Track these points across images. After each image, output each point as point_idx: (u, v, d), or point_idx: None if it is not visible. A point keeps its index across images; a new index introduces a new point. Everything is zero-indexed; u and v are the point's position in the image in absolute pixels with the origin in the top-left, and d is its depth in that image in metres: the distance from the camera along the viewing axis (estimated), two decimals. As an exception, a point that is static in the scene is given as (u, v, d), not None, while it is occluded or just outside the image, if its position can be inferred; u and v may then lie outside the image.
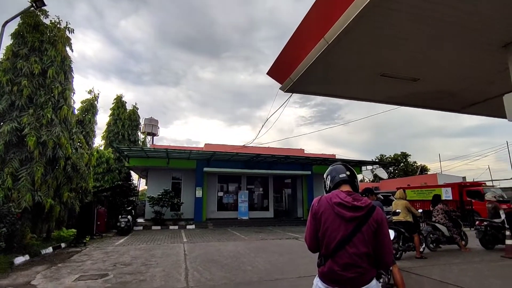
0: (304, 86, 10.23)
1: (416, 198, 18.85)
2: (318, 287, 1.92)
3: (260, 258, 7.05)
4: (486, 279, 4.99)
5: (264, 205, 19.95)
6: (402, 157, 47.25)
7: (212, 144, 23.31)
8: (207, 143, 23.99)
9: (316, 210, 1.95)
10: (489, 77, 9.55)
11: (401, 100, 11.75)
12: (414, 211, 6.91)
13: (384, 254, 1.87)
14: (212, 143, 23.66)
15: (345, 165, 2.13)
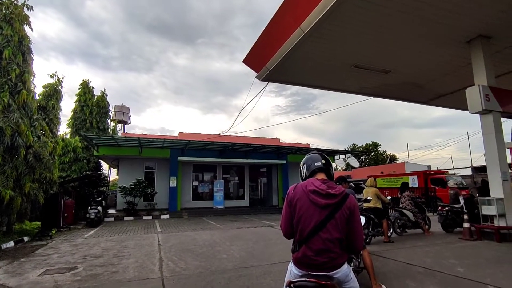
0: (280, 75, 10.27)
1: (386, 186, 19.81)
2: (292, 272, 1.98)
3: (235, 246, 7.09)
4: (445, 259, 5.36)
5: (239, 194, 20.03)
6: (373, 147, 49.24)
7: (187, 133, 22.86)
8: (182, 132, 23.51)
9: (291, 197, 1.99)
10: (453, 71, 10.12)
11: (373, 91, 12.17)
12: (383, 198, 7.23)
13: (355, 239, 1.94)
14: (187, 132, 23.22)
15: (320, 154, 2.18)
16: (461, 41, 8.30)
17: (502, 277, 4.26)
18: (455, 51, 8.76)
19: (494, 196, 7.26)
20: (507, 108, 7.82)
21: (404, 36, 8.07)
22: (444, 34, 7.94)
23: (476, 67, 8.16)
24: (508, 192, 7.33)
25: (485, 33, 7.92)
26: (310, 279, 1.76)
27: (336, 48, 8.67)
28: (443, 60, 9.36)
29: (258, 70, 10.15)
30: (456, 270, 4.66)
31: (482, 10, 6.95)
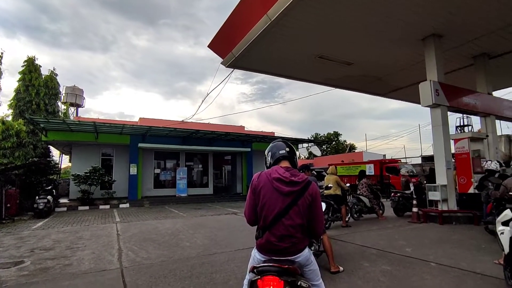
0: (246, 63, 10.14)
1: (345, 173, 20.85)
2: (255, 257, 2.01)
3: (199, 234, 7.03)
4: (395, 241, 5.82)
5: (203, 181, 19.81)
6: (334, 136, 51.33)
7: (148, 118, 21.91)
8: (143, 118, 22.47)
9: (255, 185, 2.00)
10: (409, 66, 10.76)
11: (336, 82, 12.56)
12: (343, 185, 7.59)
13: (316, 224, 2.00)
14: (148, 118, 22.25)
15: (285, 142, 2.21)
16: (416, 39, 8.82)
17: (442, 254, 4.73)
18: (411, 48, 9.30)
19: (439, 183, 7.99)
20: (453, 103, 8.54)
21: (364, 30, 8.36)
22: (401, 31, 8.37)
23: (428, 63, 8.76)
24: (451, 180, 8.11)
25: (438, 32, 8.49)
26: (273, 264, 1.79)
27: (301, 38, 8.74)
28: (400, 55, 9.91)
29: (223, 56, 9.92)
30: (405, 250, 5.08)
31: (434, 10, 7.41)
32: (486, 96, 9.69)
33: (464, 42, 9.01)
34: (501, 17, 7.73)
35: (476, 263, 4.25)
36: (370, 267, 4.22)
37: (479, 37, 8.71)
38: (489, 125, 9.71)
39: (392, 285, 3.50)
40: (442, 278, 3.69)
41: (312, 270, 2.05)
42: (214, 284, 3.73)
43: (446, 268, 4.09)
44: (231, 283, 3.73)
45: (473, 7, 7.27)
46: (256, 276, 1.76)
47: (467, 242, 5.61)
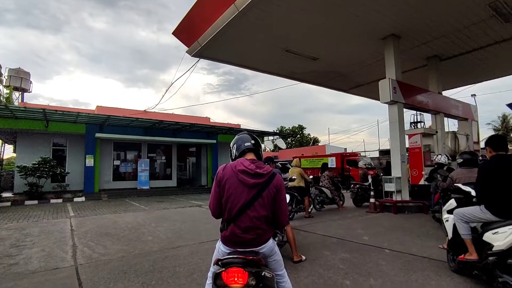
0: (212, 52, 9.90)
1: (308, 166, 21.49)
2: (220, 249, 2.01)
3: (161, 228, 6.82)
4: (354, 230, 6.14)
5: (166, 173, 19.23)
6: (299, 130, 52.56)
7: (107, 107, 20.65)
8: (100, 106, 21.13)
9: (220, 177, 1.99)
10: (370, 64, 11.25)
11: (302, 76, 12.77)
12: (306, 178, 7.80)
13: (280, 216, 2.04)
14: (106, 106, 20.98)
15: (250, 135, 2.22)
16: (377, 38, 9.24)
17: (395, 242, 5.08)
18: (372, 46, 9.73)
19: (394, 175, 8.55)
20: (408, 101, 9.13)
21: (328, 26, 8.56)
22: (363, 29, 8.71)
23: (387, 62, 9.23)
24: (405, 172, 8.71)
25: (396, 33, 8.97)
26: (237, 256, 1.80)
27: (269, 31, 8.72)
28: (362, 53, 10.33)
29: (189, 44, 9.59)
30: (362, 238, 5.38)
31: (394, 11, 7.80)
32: (437, 95, 10.50)
33: (419, 44, 9.63)
34: (451, 23, 8.36)
35: (424, 248, 4.63)
36: (330, 255, 4.40)
37: (432, 40, 9.35)
38: (438, 122, 10.56)
39: (350, 272, 3.68)
40: (394, 263, 3.96)
41: (276, 261, 2.09)
42: (178, 277, 3.64)
43: (399, 253, 4.40)
44: (195, 276, 3.67)
45: (427, 12, 7.76)
46: (221, 269, 1.75)
47: (417, 229, 6.08)
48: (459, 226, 3.27)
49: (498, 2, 7.33)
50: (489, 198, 3.06)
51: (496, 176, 3.01)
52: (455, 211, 3.40)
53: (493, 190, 3.02)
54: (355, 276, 3.53)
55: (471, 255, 3.13)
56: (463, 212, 3.26)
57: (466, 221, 3.21)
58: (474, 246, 3.13)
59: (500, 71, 12.51)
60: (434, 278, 3.41)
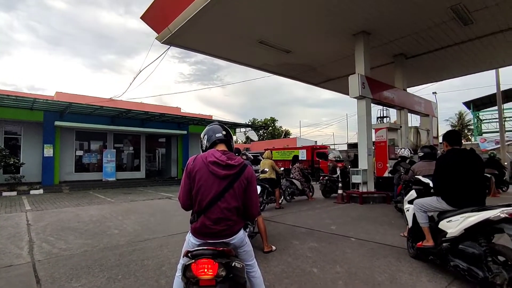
0: (183, 40, 9.57)
1: (280, 158, 21.78)
2: (190, 242, 2.00)
3: (129, 220, 6.59)
4: (322, 220, 6.34)
5: (134, 165, 18.55)
6: (271, 122, 52.94)
7: (68, 93, 19.39)
8: (60, 92, 19.77)
9: (191, 168, 1.97)
10: (341, 59, 11.52)
11: (274, 69, 12.80)
12: (277, 169, 7.90)
13: (251, 207, 2.06)
14: (67, 93, 19.67)
15: (221, 125, 2.21)
16: (348, 33, 9.46)
17: (360, 230, 5.33)
18: (343, 41, 9.95)
19: (361, 168, 8.92)
20: (376, 96, 9.50)
21: (301, 20, 8.61)
22: (335, 24, 8.87)
23: (357, 58, 9.51)
24: (371, 165, 9.11)
25: (367, 30, 9.24)
26: (207, 247, 1.80)
27: (243, 21, 8.60)
28: (334, 47, 10.54)
29: (159, 31, 9.19)
30: (330, 228, 5.57)
31: (364, 9, 8.01)
32: (402, 92, 11.04)
33: (387, 41, 10.01)
34: (416, 23, 8.76)
35: (387, 236, 4.90)
36: (299, 245, 4.52)
37: (399, 38, 9.77)
38: (402, 117, 11.14)
39: (318, 260, 3.80)
40: (359, 251, 4.15)
41: (246, 251, 2.12)
42: (146, 271, 3.54)
43: (363, 242, 4.62)
44: (164, 269, 3.59)
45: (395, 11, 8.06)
46: (190, 260, 1.73)
47: (381, 219, 6.42)
48: (418, 215, 3.49)
49: (458, 5, 7.79)
50: (444, 189, 3.28)
51: (451, 169, 3.23)
52: (415, 202, 3.62)
53: (448, 182, 3.24)
54: (322, 264, 3.65)
55: (428, 242, 3.35)
56: (422, 202, 3.47)
57: (424, 211, 3.43)
58: (431, 234, 3.36)
59: (459, 71, 13.40)
60: (395, 264, 3.62)
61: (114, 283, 3.22)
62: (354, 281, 3.15)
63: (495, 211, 2.66)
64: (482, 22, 8.67)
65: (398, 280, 3.15)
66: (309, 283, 3.13)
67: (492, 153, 11.75)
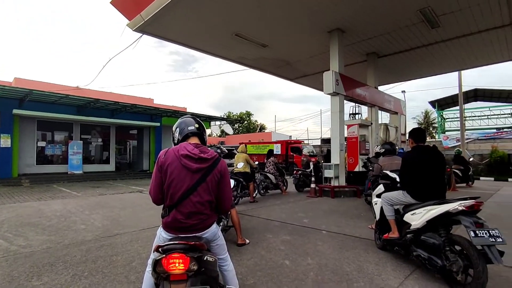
0: (157, 29, 9.23)
1: (255, 152, 21.86)
2: (161, 236, 1.97)
3: (97, 215, 6.31)
4: (295, 214, 6.47)
5: (103, 157, 17.77)
6: (246, 116, 52.86)
7: (28, 80, 18.03)
8: (19, 78, 18.35)
9: (162, 162, 1.93)
10: (317, 55, 11.69)
11: (250, 62, 12.73)
12: (252, 163, 7.92)
13: (224, 200, 2.06)
14: (27, 79, 18.32)
15: (194, 118, 2.17)
16: (324, 30, 9.61)
17: (331, 223, 5.50)
18: (318, 38, 10.09)
19: (333, 162, 9.17)
20: (349, 93, 9.76)
21: (277, 14, 8.60)
22: (311, 20, 8.96)
23: (332, 54, 9.69)
24: (342, 160, 9.39)
25: (342, 27, 9.42)
26: (179, 242, 1.77)
27: (220, 12, 8.43)
28: (309, 44, 10.66)
29: (130, 17, 8.77)
30: (303, 221, 5.70)
31: (339, 6, 8.15)
32: (373, 90, 11.43)
33: (361, 40, 10.29)
34: (388, 23, 9.06)
35: (356, 228, 5.10)
36: (272, 238, 4.58)
37: (372, 37, 10.07)
38: (373, 114, 11.56)
39: (290, 253, 3.88)
40: (330, 243, 4.29)
41: (219, 245, 2.13)
42: (115, 267, 3.42)
43: (334, 234, 4.77)
44: (134, 264, 3.49)
45: (368, 10, 8.28)
46: (161, 255, 1.70)
47: (351, 212, 6.66)
48: (385, 208, 3.65)
49: (427, 9, 8.15)
50: (409, 184, 3.46)
51: (416, 165, 3.41)
52: (382, 195, 3.78)
53: (412, 177, 3.42)
54: (294, 257, 3.73)
55: (394, 233, 3.53)
56: (389, 196, 3.64)
57: (391, 204, 3.60)
58: (397, 226, 3.54)
59: (426, 72, 14.10)
60: (363, 255, 3.78)
61: (79, 280, 3.08)
62: (324, 272, 3.24)
63: (454, 204, 2.86)
64: (448, 26, 9.15)
65: (365, 270, 3.29)
66: (281, 275, 3.18)
67: (458, 150, 12.62)
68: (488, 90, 24.88)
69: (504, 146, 17.95)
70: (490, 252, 2.53)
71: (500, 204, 7.66)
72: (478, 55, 11.53)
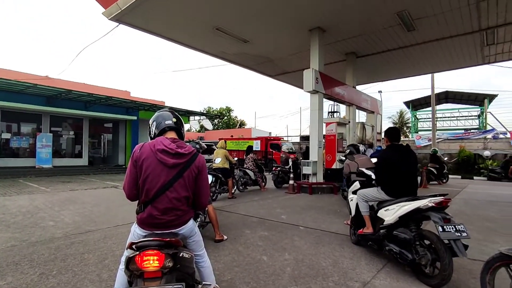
0: (134, 19, 8.92)
1: (234, 148, 21.76)
2: (135, 232, 1.92)
3: (67, 211, 6.04)
4: (274, 209, 6.52)
5: (76, 151, 17.00)
6: (226, 111, 52.40)
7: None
8: (-15, 65, 17.10)
9: (137, 157, 1.88)
10: (297, 53, 11.79)
11: (231, 57, 12.62)
12: (231, 159, 7.88)
13: (202, 196, 2.04)
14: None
15: (172, 112, 2.12)
16: (305, 28, 9.68)
17: (309, 219, 5.59)
18: (300, 36, 10.16)
19: (312, 159, 9.31)
20: (328, 91, 9.93)
21: (259, 10, 8.56)
22: (293, 18, 9.00)
23: (312, 53, 9.80)
24: (320, 157, 9.57)
25: (322, 26, 9.54)
26: (153, 238, 1.72)
27: (200, 5, 8.26)
28: (291, 41, 10.72)
29: (106, 5, 8.40)
30: (280, 217, 5.75)
31: (319, 5, 8.24)
32: (351, 89, 11.70)
33: (340, 39, 10.47)
34: (366, 24, 9.28)
35: (332, 224, 5.22)
36: (250, 234, 4.58)
37: (351, 38, 10.28)
38: (351, 113, 11.84)
39: (268, 248, 3.90)
40: (307, 239, 4.35)
41: (196, 241, 2.10)
42: (86, 265, 3.29)
43: (311, 230, 4.86)
44: (107, 262, 3.37)
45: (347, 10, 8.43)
46: (134, 252, 1.64)
47: (328, 208, 6.81)
48: (360, 204, 3.76)
49: (404, 12, 8.42)
50: (383, 181, 3.58)
51: (390, 162, 3.53)
52: (358, 192, 3.89)
53: (387, 174, 3.54)
54: (272, 252, 3.76)
55: (368, 229, 3.64)
56: (364, 192, 3.74)
57: (366, 200, 3.71)
58: (371, 222, 3.65)
59: (402, 73, 14.63)
60: (338, 250, 3.88)
61: (47, 279, 2.93)
62: (301, 267, 3.29)
63: (424, 201, 3.00)
64: (423, 30, 9.52)
65: (340, 265, 3.38)
66: (259, 271, 3.19)
67: (435, 150, 13.23)
68: (458, 93, 26.28)
69: (471, 146, 19.06)
70: (456, 246, 2.68)
71: (466, 200, 8.12)
72: (450, 59, 12.09)
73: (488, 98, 24.73)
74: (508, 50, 11.11)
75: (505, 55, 11.66)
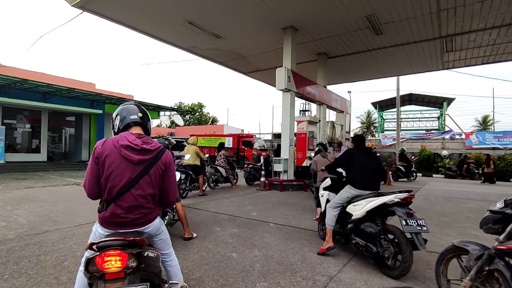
0: (100, 7, 8.45)
1: (206, 144, 21.47)
2: (97, 232, 1.83)
3: (22, 210, 5.60)
4: (245, 207, 6.52)
5: (33, 146, 15.83)
6: (198, 107, 51.51)
7: None
8: None
9: (99, 153, 1.77)
10: (271, 51, 11.83)
11: (203, 52, 12.40)
12: (202, 156, 7.74)
13: (169, 194, 1.98)
14: None
15: (138, 106, 2.03)
16: (278, 27, 9.73)
17: (279, 216, 5.66)
18: (273, 34, 10.20)
19: (283, 157, 9.42)
20: (300, 90, 10.09)
21: (233, 6, 8.47)
22: (266, 16, 9.00)
23: (285, 51, 9.90)
24: (291, 154, 9.70)
25: (295, 25, 9.64)
26: (115, 238, 1.64)
27: (173, -5, 8.00)
28: (264, 39, 10.73)
29: (69, -11, 7.86)
30: (251, 214, 5.76)
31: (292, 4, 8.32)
32: (322, 89, 11.98)
33: (312, 39, 10.66)
34: (337, 26, 9.53)
35: (302, 220, 5.32)
36: (220, 231, 4.54)
37: (323, 38, 10.50)
38: (322, 112, 12.13)
39: (238, 245, 3.89)
40: (277, 235, 4.40)
41: (163, 240, 2.04)
42: (43, 267, 3.07)
43: (281, 226, 4.91)
44: (66, 264, 3.17)
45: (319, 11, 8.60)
46: (95, 253, 1.55)
47: (298, 204, 6.93)
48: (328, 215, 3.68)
49: (372, 16, 8.75)
50: (351, 174, 3.77)
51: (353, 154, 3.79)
52: (328, 205, 3.88)
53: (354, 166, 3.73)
54: (242, 249, 3.75)
55: (328, 243, 3.58)
56: (335, 200, 3.74)
57: (337, 207, 3.71)
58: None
59: (369, 75, 15.20)
60: (307, 245, 3.96)
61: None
62: (270, 263, 3.31)
63: (390, 197, 3.17)
64: (390, 34, 9.96)
65: (308, 260, 3.45)
66: (228, 268, 3.16)
67: (403, 149, 13.98)
68: (420, 95, 27.96)
69: (431, 146, 20.36)
70: (417, 239, 2.86)
71: (425, 197, 8.66)
72: (413, 63, 12.79)
73: (447, 102, 26.58)
74: (465, 57, 11.97)
75: (461, 62, 12.56)
